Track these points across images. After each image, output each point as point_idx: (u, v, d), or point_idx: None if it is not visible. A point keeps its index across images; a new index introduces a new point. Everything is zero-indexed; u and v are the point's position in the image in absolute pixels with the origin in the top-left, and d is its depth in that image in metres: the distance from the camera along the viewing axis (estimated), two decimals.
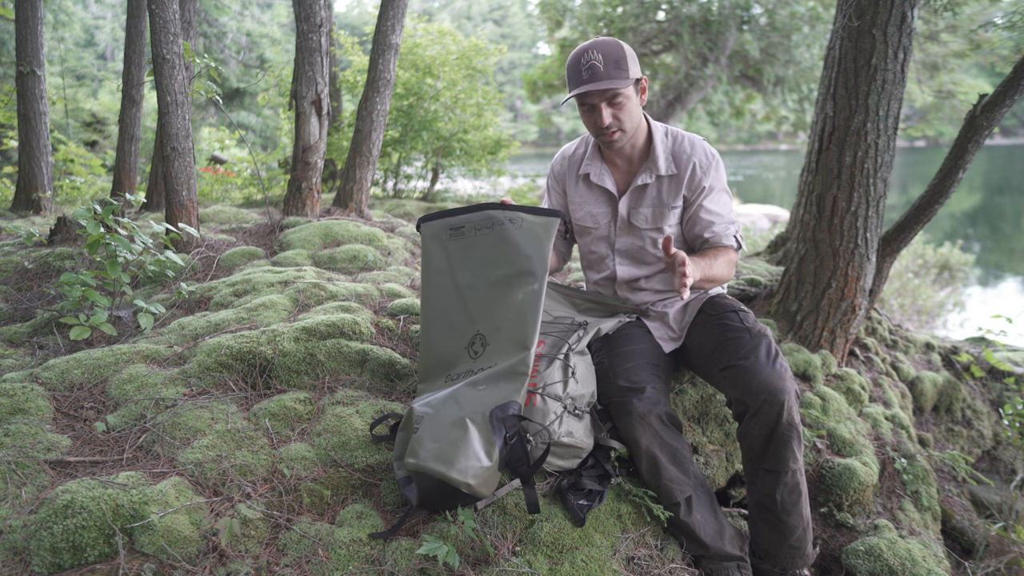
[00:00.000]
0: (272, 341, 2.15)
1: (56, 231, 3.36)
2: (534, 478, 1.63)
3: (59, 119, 10.86)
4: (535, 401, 1.78)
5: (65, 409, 1.86)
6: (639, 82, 1.88)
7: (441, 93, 6.46)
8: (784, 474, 1.76)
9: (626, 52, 1.81)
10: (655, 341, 2.03)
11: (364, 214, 4.39)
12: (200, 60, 3.50)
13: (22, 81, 5.03)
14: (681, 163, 1.95)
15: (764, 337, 1.82)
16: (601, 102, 1.82)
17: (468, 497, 1.59)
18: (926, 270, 8.17)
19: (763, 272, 3.71)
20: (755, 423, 1.74)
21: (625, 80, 1.78)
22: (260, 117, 14.20)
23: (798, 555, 1.82)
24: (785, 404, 1.70)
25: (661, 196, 1.99)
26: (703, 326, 1.98)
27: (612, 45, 1.80)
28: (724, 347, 1.84)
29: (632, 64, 1.81)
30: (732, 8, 9.21)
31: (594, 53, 1.78)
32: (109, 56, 25.87)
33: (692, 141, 1.98)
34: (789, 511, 1.78)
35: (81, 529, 1.39)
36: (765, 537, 1.83)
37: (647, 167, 1.97)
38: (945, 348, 3.68)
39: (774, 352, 1.78)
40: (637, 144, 1.98)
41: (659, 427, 1.77)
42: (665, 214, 1.99)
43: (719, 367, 1.83)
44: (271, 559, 1.47)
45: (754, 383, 1.71)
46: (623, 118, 1.85)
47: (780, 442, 1.74)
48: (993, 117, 2.77)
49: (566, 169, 2.13)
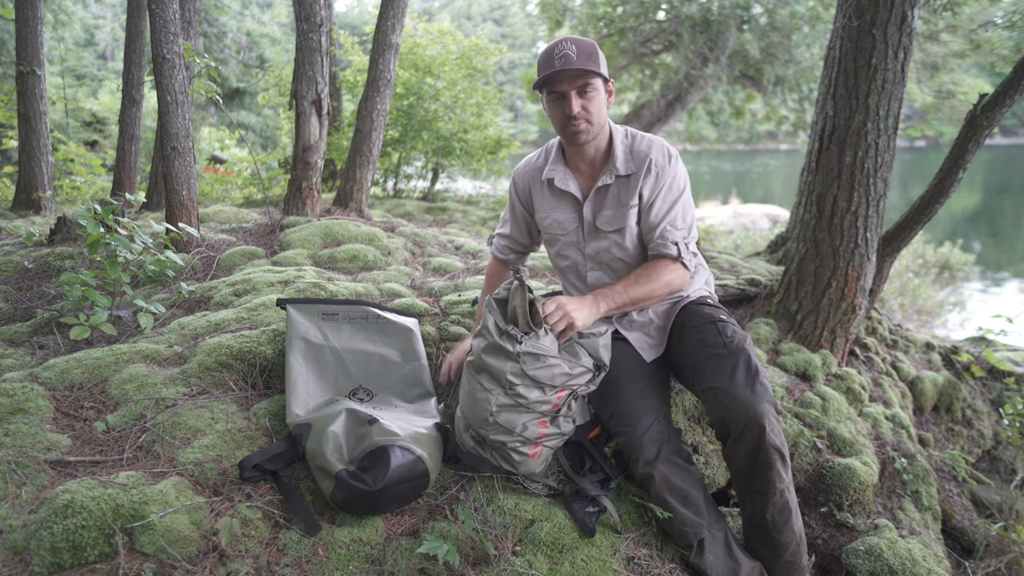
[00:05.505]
0: (272, 341, 2.15)
1: (56, 231, 3.36)
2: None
3: (59, 119, 10.85)
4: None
5: (65, 409, 1.86)
6: (607, 83, 1.87)
7: (441, 93, 6.47)
8: (772, 495, 1.75)
9: (598, 50, 1.82)
10: (637, 354, 1.99)
11: (364, 214, 4.39)
12: (200, 60, 3.50)
13: (22, 81, 5.03)
14: (638, 161, 1.93)
15: (742, 352, 1.78)
16: (572, 90, 1.81)
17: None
18: (926, 270, 8.18)
19: (763, 272, 3.71)
20: (738, 447, 1.72)
21: (597, 69, 1.79)
22: (260, 117, 14.20)
23: (793, 569, 1.82)
24: (766, 428, 1.67)
25: (620, 196, 1.95)
26: (682, 339, 1.95)
27: (584, 41, 1.81)
28: (703, 366, 1.81)
29: (603, 63, 1.82)
30: (732, 8, 9.21)
31: (568, 44, 1.79)
32: (109, 56, 25.87)
33: (650, 141, 1.96)
34: (780, 529, 1.77)
35: (81, 529, 1.39)
36: (759, 554, 1.81)
37: (608, 168, 1.95)
38: (945, 348, 3.68)
39: (753, 370, 1.74)
40: (600, 146, 1.96)
41: (667, 471, 1.74)
42: (624, 214, 1.95)
43: (700, 387, 1.81)
44: (271, 559, 1.47)
45: (733, 408, 1.68)
46: (592, 109, 1.83)
47: (764, 465, 1.71)
48: (993, 117, 2.77)
49: (530, 178, 2.09)
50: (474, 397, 1.75)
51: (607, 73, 1.85)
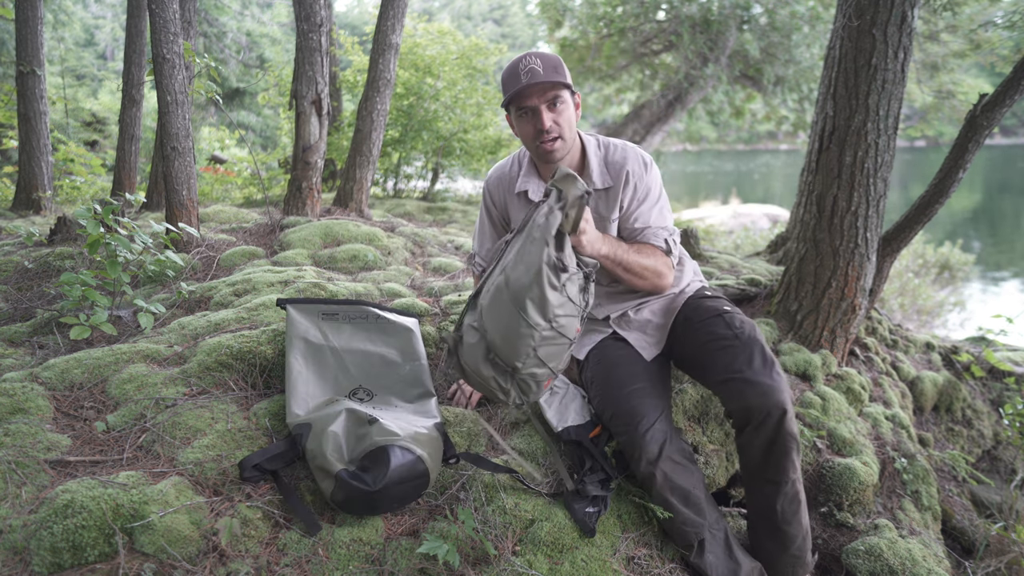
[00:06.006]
0: (272, 341, 2.15)
1: (56, 231, 3.36)
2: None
3: (59, 119, 10.85)
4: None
5: (65, 409, 1.86)
6: (574, 96, 1.85)
7: (441, 93, 6.46)
8: (784, 484, 1.75)
9: (563, 63, 1.81)
10: (637, 354, 1.98)
11: (364, 214, 4.40)
12: (200, 60, 3.50)
13: (22, 81, 5.03)
14: (615, 173, 1.92)
15: (755, 342, 1.79)
16: (541, 104, 1.78)
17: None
18: (926, 270, 8.18)
19: (763, 272, 3.71)
20: (757, 434, 1.72)
21: (565, 81, 1.77)
22: (260, 117, 14.20)
23: (798, 564, 1.82)
24: (787, 415, 1.69)
25: (599, 210, 1.94)
26: (688, 333, 1.94)
27: (548, 54, 1.80)
28: (716, 357, 1.81)
29: (568, 76, 1.81)
30: (732, 8, 9.21)
31: (533, 58, 1.77)
32: (109, 56, 25.85)
33: (624, 149, 1.94)
34: (789, 520, 1.77)
35: (81, 529, 1.39)
36: (766, 548, 1.82)
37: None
38: (945, 348, 3.68)
39: (769, 359, 1.76)
40: (573, 159, 1.93)
41: (670, 470, 1.74)
42: (605, 228, 1.94)
43: (716, 379, 1.81)
44: (271, 559, 1.47)
45: (755, 396, 1.69)
46: (562, 123, 1.81)
47: (780, 453, 1.72)
48: (993, 117, 2.77)
49: (504, 188, 2.07)
50: (516, 333, 1.59)
51: (573, 86, 1.84)
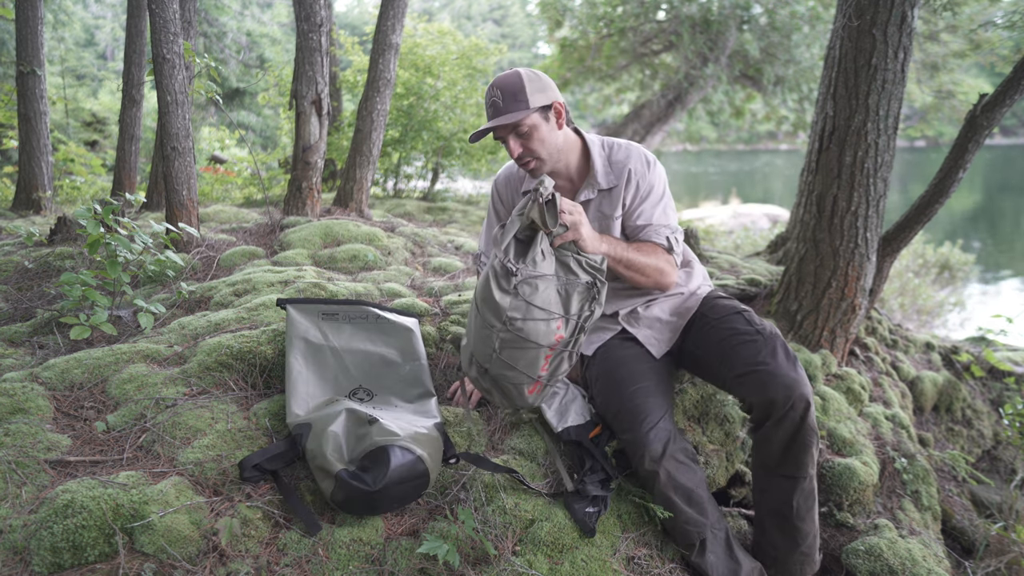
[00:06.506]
0: (272, 341, 2.15)
1: (56, 231, 3.36)
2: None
3: (59, 119, 10.86)
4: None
5: (65, 409, 1.86)
6: (549, 107, 1.83)
7: (441, 93, 6.46)
8: (803, 480, 1.75)
9: (525, 83, 1.78)
10: (643, 353, 1.97)
11: (364, 214, 4.40)
12: (200, 60, 3.50)
13: (22, 81, 5.03)
14: (618, 173, 1.93)
15: (777, 337, 1.80)
16: (508, 135, 1.81)
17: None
18: (926, 270, 8.18)
19: (763, 272, 3.71)
20: (779, 427, 1.72)
21: (524, 111, 1.76)
22: (260, 117, 14.20)
23: (807, 562, 1.82)
24: (810, 409, 1.69)
25: (603, 209, 1.96)
26: (705, 330, 1.94)
27: (511, 79, 1.79)
28: (737, 351, 1.81)
29: (535, 93, 1.78)
30: (732, 8, 9.21)
31: (495, 91, 1.79)
32: (109, 56, 25.84)
33: (628, 149, 1.95)
34: (803, 516, 1.77)
35: (81, 529, 1.39)
36: (777, 545, 1.81)
37: (588, 182, 1.95)
38: (945, 348, 3.68)
39: (792, 354, 1.77)
40: (571, 163, 1.95)
41: (673, 469, 1.74)
42: (609, 226, 1.95)
43: (734, 373, 1.80)
44: (271, 559, 1.47)
45: (779, 388, 1.69)
46: (534, 147, 1.82)
47: (801, 447, 1.72)
48: (993, 117, 2.77)
49: (513, 188, 2.10)
50: (480, 332, 1.73)
51: (545, 100, 1.80)
